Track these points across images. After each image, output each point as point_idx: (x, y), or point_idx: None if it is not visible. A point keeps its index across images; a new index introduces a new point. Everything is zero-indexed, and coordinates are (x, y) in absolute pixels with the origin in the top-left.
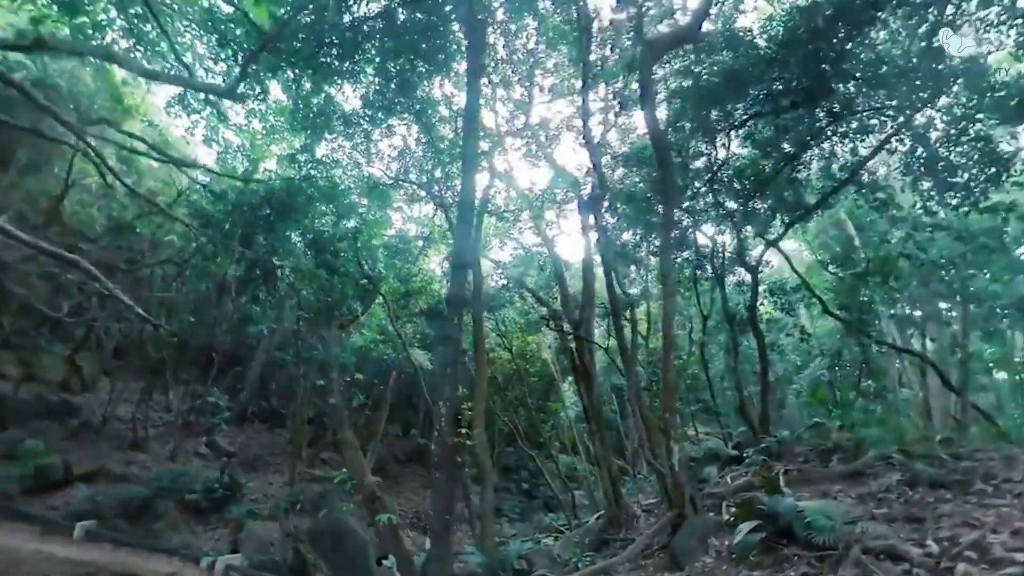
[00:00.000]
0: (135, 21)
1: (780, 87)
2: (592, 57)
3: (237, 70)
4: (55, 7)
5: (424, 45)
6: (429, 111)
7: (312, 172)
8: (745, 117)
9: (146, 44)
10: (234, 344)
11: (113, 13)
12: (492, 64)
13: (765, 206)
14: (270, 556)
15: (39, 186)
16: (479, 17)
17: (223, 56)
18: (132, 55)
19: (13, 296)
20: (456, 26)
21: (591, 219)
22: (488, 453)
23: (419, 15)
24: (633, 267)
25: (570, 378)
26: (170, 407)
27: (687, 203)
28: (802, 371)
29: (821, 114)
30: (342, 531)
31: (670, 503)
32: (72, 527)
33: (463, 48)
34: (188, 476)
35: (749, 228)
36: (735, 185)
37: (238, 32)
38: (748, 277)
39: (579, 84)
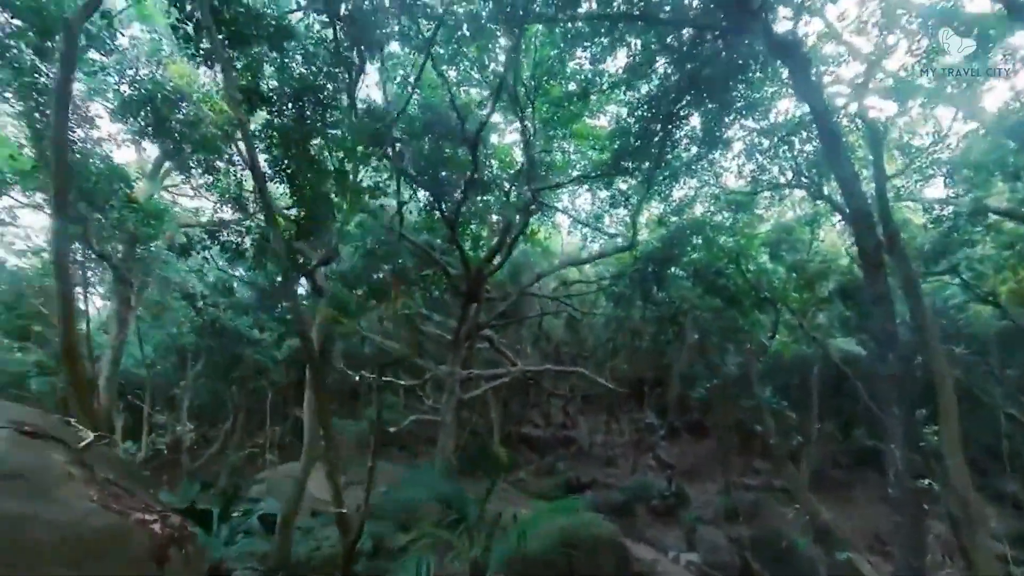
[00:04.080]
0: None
1: None
2: None
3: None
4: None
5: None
6: (759, 107)
7: (676, 219)
8: None
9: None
10: (654, 371)
11: None
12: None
13: None
14: (719, 558)
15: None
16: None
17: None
18: None
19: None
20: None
21: None
22: (970, 487)
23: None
24: None
25: None
26: (623, 432)
27: None
28: None
29: None
30: (785, 544)
31: None
32: None
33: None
34: (647, 485)
35: None
36: None
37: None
38: None
39: None
